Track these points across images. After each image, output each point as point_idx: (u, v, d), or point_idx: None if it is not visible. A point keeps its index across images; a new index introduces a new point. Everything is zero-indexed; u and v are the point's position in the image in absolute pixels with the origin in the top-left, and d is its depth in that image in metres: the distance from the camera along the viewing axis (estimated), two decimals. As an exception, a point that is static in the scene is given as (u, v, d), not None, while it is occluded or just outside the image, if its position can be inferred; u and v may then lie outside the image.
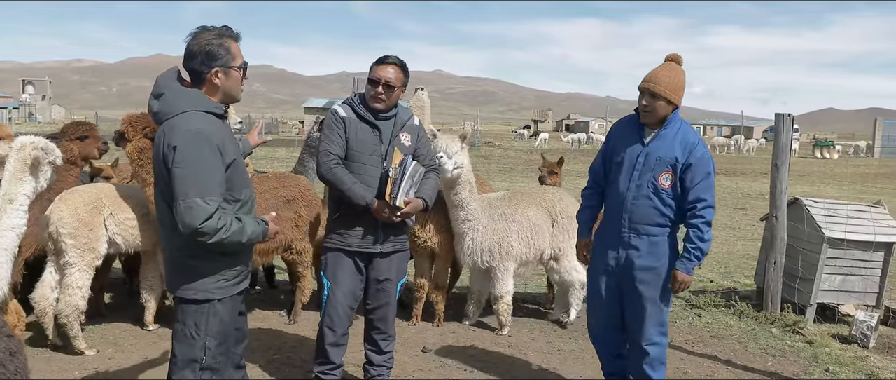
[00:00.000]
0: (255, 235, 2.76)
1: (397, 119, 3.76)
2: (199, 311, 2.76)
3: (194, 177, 2.55)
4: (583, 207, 4.00)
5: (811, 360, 4.92)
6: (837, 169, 28.51)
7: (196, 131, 2.59)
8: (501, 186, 17.04)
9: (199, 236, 2.56)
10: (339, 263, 3.75)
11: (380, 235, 3.71)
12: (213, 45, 2.69)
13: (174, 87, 2.71)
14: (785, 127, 5.76)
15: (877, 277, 5.93)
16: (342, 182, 3.61)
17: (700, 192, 3.49)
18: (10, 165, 3.53)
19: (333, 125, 3.70)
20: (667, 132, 3.56)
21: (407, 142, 3.78)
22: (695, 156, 3.49)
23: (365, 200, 3.58)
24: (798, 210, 5.99)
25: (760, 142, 47.86)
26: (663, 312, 3.68)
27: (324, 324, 3.82)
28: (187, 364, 2.78)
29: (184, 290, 2.76)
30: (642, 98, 3.55)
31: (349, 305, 3.79)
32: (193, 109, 2.65)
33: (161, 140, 2.65)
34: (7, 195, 3.50)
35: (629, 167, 3.61)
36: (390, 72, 3.65)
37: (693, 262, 3.54)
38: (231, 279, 2.81)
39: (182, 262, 2.75)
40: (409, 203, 3.62)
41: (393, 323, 3.97)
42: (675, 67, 3.59)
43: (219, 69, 2.71)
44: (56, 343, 4.51)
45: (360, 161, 3.68)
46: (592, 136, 51.29)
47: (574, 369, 4.63)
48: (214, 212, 2.56)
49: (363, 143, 3.68)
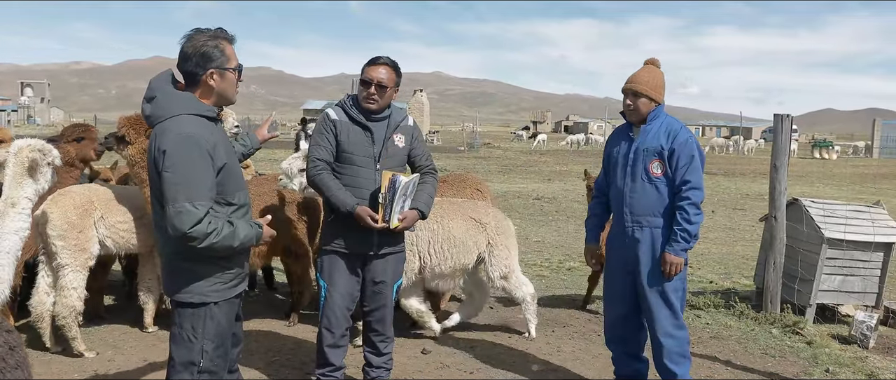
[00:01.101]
0: (248, 239, 2.75)
1: (391, 120, 3.72)
2: (195, 314, 2.75)
3: (184, 181, 2.54)
4: (589, 215, 4.22)
5: (811, 360, 4.92)
6: (836, 169, 28.54)
7: (186, 135, 2.58)
8: (501, 187, 17.07)
9: (188, 241, 2.55)
10: (335, 266, 3.74)
11: (375, 237, 3.67)
12: (209, 47, 2.68)
13: (166, 90, 2.70)
14: (783, 128, 5.76)
15: (876, 278, 5.94)
16: (327, 188, 3.58)
17: (685, 174, 3.66)
18: (9, 169, 3.54)
19: (322, 129, 3.67)
20: (651, 126, 3.78)
21: (400, 143, 3.74)
22: (678, 141, 3.69)
23: (347, 205, 3.54)
24: (797, 211, 5.99)
25: (759, 143, 47.91)
26: (674, 303, 3.78)
27: (322, 326, 3.81)
28: (185, 367, 2.78)
29: (180, 293, 2.75)
30: (626, 98, 3.81)
31: (346, 306, 3.78)
32: (184, 112, 2.64)
33: (152, 144, 2.64)
34: (9, 199, 3.51)
35: (623, 164, 3.85)
36: (382, 72, 3.62)
37: (681, 244, 3.66)
38: (227, 282, 2.80)
39: (178, 265, 2.74)
40: (404, 218, 3.60)
41: (390, 325, 3.96)
42: (653, 69, 3.86)
43: (214, 71, 2.70)
44: (54, 350, 4.49)
45: (354, 163, 3.64)
46: (591, 137, 51.33)
47: (574, 369, 4.63)
48: (204, 216, 2.54)
49: (355, 145, 3.64)
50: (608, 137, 4.16)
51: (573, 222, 11.62)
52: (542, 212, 12.79)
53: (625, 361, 4.06)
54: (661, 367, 3.85)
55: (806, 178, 23.29)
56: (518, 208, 13.12)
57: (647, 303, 3.80)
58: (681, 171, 3.66)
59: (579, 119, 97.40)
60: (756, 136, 60.34)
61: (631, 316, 3.95)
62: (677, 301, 3.79)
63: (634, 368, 4.06)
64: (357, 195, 3.60)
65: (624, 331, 4.01)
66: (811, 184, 21.07)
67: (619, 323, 4.00)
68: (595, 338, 5.33)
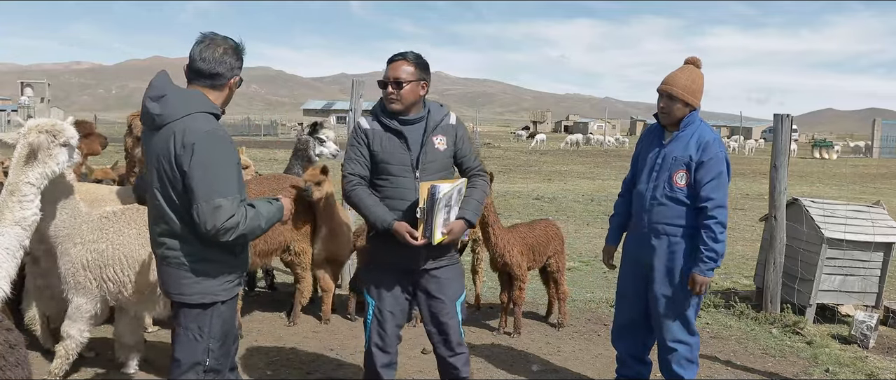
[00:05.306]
0: (272, 215, 2.83)
1: (428, 121, 3.37)
2: (202, 314, 2.76)
3: (216, 177, 2.59)
4: (613, 214, 4.10)
5: (811, 360, 4.92)
6: (836, 169, 28.53)
7: (213, 131, 2.64)
8: (501, 187, 17.04)
9: (222, 235, 2.60)
10: (382, 282, 3.44)
11: (421, 252, 3.31)
12: (238, 54, 2.80)
13: (175, 89, 2.71)
14: (783, 128, 5.76)
15: (876, 278, 5.94)
16: (362, 204, 3.30)
17: (709, 190, 3.53)
18: (16, 151, 3.31)
19: (354, 142, 3.39)
20: (684, 133, 3.63)
21: (441, 146, 3.37)
22: (708, 154, 3.53)
23: (384, 222, 3.24)
24: (797, 211, 5.99)
25: (759, 142, 47.90)
26: (687, 312, 3.71)
27: (372, 344, 3.46)
28: (191, 367, 2.78)
29: (188, 295, 2.75)
30: (660, 100, 3.65)
31: (397, 324, 3.48)
32: (199, 110, 2.67)
33: (170, 142, 2.62)
34: (9, 186, 3.28)
35: (649, 169, 3.72)
36: (397, 68, 3.31)
37: (708, 263, 3.55)
38: (234, 280, 2.85)
39: (189, 267, 2.74)
40: (450, 230, 3.27)
41: (458, 343, 3.49)
42: (692, 70, 3.66)
43: (238, 77, 2.83)
44: (52, 349, 4.49)
45: (390, 173, 3.33)
46: (591, 137, 51.32)
47: (574, 369, 4.63)
48: (237, 210, 2.62)
49: (390, 153, 3.32)
50: (641, 134, 4.03)
51: (573, 222, 11.61)
52: (542, 212, 12.77)
53: (628, 362, 4.04)
54: (668, 370, 3.80)
55: (806, 178, 23.29)
56: (518, 208, 13.11)
57: (660, 309, 3.72)
58: (706, 186, 3.52)
59: (579, 119, 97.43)
60: (756, 135, 60.34)
61: (640, 320, 3.89)
62: (691, 309, 3.71)
63: (636, 370, 4.03)
64: (397, 207, 3.30)
65: (632, 333, 3.96)
66: (811, 184, 21.06)
67: (628, 325, 3.95)
68: (595, 338, 5.34)
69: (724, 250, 3.61)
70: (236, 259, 2.83)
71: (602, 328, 5.56)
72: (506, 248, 4.93)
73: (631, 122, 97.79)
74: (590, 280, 7.43)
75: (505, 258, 4.96)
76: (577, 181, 19.84)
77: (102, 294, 3.73)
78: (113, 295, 3.73)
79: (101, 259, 3.67)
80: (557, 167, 25.83)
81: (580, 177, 21.91)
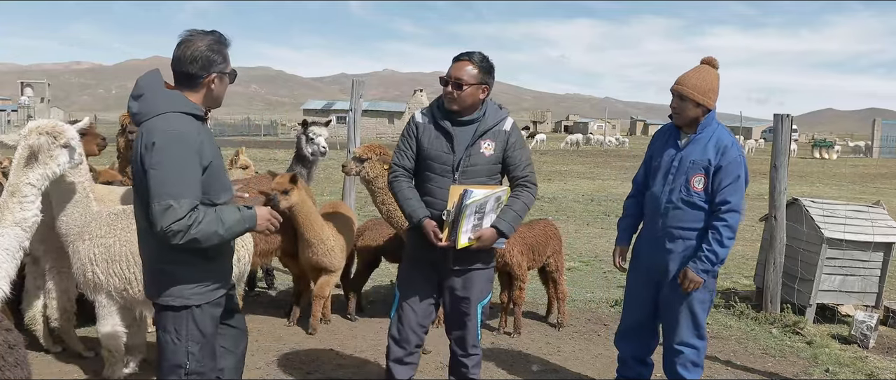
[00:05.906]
0: (236, 224, 2.66)
1: (481, 124, 3.30)
2: (177, 317, 2.72)
3: (170, 178, 2.51)
4: (623, 215, 4.02)
5: (811, 360, 4.92)
6: (836, 169, 28.54)
7: (174, 132, 2.56)
8: (500, 187, 17.05)
9: (170, 237, 2.50)
10: (412, 275, 3.48)
11: (450, 251, 3.30)
12: (213, 50, 2.69)
13: (154, 89, 2.68)
14: (783, 128, 5.76)
15: (876, 278, 5.94)
16: (400, 196, 3.33)
17: (726, 194, 3.47)
18: (17, 153, 3.34)
19: (406, 134, 3.41)
20: (701, 136, 3.57)
21: (487, 151, 3.30)
22: (726, 158, 3.48)
23: (415, 217, 3.26)
24: (797, 211, 5.99)
25: (759, 142, 47.90)
26: (698, 316, 3.67)
27: (390, 337, 3.50)
28: (172, 370, 2.75)
29: (162, 297, 2.72)
30: (672, 100, 3.60)
31: (419, 321, 3.46)
32: (172, 109, 2.63)
33: (139, 141, 2.62)
34: (10, 187, 3.30)
35: (664, 171, 3.65)
36: (461, 68, 3.24)
37: (705, 264, 3.50)
38: (208, 285, 2.75)
39: (159, 268, 2.71)
40: (480, 237, 3.24)
41: (474, 345, 3.53)
42: (706, 69, 3.60)
43: (216, 75, 2.72)
44: (53, 350, 4.49)
45: (433, 171, 3.32)
46: (591, 137, 51.32)
47: (574, 369, 4.63)
48: (186, 214, 2.50)
49: (435, 152, 3.31)
50: (654, 134, 3.91)
51: (573, 222, 11.62)
52: (542, 212, 12.77)
53: (630, 363, 4.01)
54: (672, 371, 3.77)
55: (806, 178, 23.29)
56: (518, 208, 13.10)
57: (671, 313, 3.68)
58: (723, 190, 3.46)
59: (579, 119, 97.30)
60: (756, 136, 60.35)
61: (647, 322, 3.87)
62: (702, 313, 3.67)
63: (637, 371, 4.00)
64: (435, 205, 3.29)
65: (637, 335, 3.93)
66: (811, 184, 21.07)
67: (634, 327, 3.92)
68: (595, 338, 5.34)
69: (726, 256, 3.55)
70: (211, 264, 2.74)
71: (602, 328, 5.56)
72: (506, 248, 4.93)
73: (631, 122, 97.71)
74: (590, 280, 7.43)
75: (505, 258, 4.96)
76: (576, 181, 19.84)
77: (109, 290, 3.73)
78: (119, 292, 3.73)
79: (109, 254, 3.66)
80: (557, 167, 25.84)
81: (580, 177, 21.91)
